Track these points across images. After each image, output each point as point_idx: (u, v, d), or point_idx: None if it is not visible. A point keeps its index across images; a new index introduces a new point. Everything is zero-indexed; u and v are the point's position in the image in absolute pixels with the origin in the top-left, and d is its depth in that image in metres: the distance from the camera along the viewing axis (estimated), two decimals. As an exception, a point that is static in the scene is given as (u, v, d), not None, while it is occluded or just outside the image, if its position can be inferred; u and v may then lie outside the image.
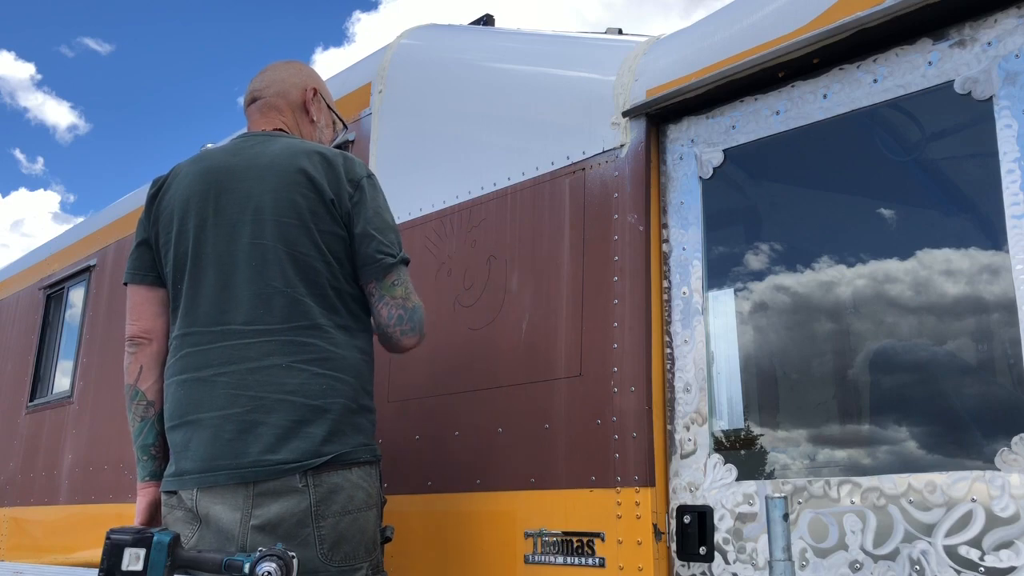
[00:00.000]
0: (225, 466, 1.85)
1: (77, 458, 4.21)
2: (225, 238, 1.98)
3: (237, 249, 1.96)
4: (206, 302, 1.97)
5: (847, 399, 1.99)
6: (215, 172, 2.04)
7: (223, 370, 1.91)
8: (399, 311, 2.04)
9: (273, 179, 1.99)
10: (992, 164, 1.76)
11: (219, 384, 1.90)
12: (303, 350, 1.91)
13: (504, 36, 3.06)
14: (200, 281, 1.98)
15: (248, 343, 1.91)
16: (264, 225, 1.96)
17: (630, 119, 2.31)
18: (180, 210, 2.04)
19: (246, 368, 1.89)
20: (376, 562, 1.98)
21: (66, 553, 4.06)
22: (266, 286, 1.93)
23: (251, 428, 1.85)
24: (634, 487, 2.07)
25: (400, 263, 2.05)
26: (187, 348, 1.97)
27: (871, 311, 1.93)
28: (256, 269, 1.94)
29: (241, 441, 1.85)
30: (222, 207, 2.00)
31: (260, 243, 1.95)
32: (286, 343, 1.90)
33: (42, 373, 4.96)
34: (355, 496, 1.89)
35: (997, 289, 1.75)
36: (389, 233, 2.06)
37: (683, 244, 2.21)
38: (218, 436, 1.87)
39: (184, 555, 1.71)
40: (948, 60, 1.85)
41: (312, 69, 2.35)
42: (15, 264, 5.93)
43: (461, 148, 2.75)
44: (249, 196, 1.99)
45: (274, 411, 1.86)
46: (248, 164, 2.03)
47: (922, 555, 1.70)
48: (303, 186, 1.98)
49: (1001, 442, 1.65)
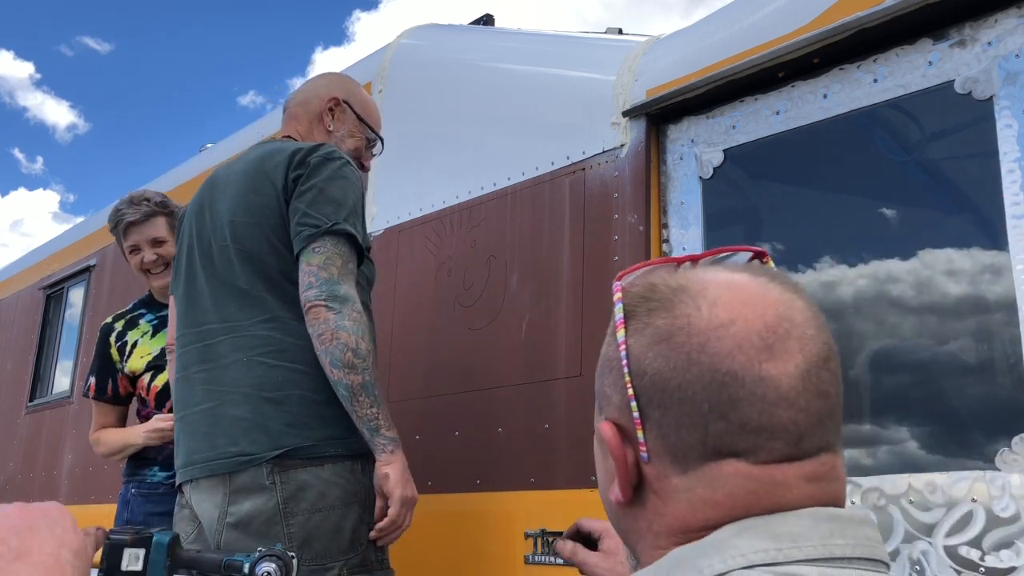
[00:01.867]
0: (200, 460, 1.92)
1: (77, 458, 4.21)
2: (204, 244, 2.05)
3: (210, 253, 2.02)
4: (190, 304, 2.06)
5: (847, 399, 1.98)
6: (209, 184, 2.15)
7: (199, 368, 1.98)
8: (309, 278, 1.84)
9: (238, 182, 2.02)
10: (992, 164, 1.76)
11: (197, 381, 1.98)
12: (262, 343, 1.91)
13: (504, 36, 3.06)
14: (188, 285, 2.08)
15: (219, 340, 1.96)
16: (224, 228, 1.99)
17: (630, 119, 2.31)
18: (185, 222, 2.18)
19: (219, 365, 1.95)
20: (360, 561, 1.88)
21: (66, 553, 4.06)
22: (230, 285, 1.97)
23: (218, 422, 1.91)
24: (634, 487, 2.06)
25: (327, 233, 1.86)
26: (180, 350, 2.07)
27: (871, 311, 1.93)
28: (221, 270, 1.99)
29: (212, 435, 1.91)
30: (205, 215, 2.07)
31: (223, 245, 1.99)
32: (249, 338, 1.93)
33: (42, 373, 4.96)
34: (327, 493, 1.84)
35: (997, 289, 1.75)
36: (325, 205, 1.89)
37: (683, 244, 2.21)
38: (196, 431, 1.95)
39: (184, 555, 1.71)
40: (948, 60, 1.85)
41: (346, 80, 2.32)
42: (15, 264, 5.93)
43: (461, 148, 2.75)
44: (223, 202, 2.04)
45: (237, 405, 1.89)
46: (229, 173, 2.09)
47: (922, 555, 1.70)
48: (261, 183, 1.96)
49: (1001, 442, 1.65)
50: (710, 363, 0.65)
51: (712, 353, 0.65)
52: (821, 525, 0.64)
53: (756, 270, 0.71)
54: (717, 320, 0.66)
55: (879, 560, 0.66)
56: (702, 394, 0.65)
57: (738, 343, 0.65)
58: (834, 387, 0.68)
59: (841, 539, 0.64)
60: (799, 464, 0.66)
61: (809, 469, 0.66)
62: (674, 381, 0.67)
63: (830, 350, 0.69)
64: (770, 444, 0.65)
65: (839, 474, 0.68)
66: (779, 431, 0.65)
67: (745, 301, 0.67)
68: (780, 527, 0.64)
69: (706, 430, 0.65)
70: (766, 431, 0.65)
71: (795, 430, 0.65)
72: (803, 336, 0.67)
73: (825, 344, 0.68)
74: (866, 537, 0.66)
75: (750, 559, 0.63)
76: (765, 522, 0.64)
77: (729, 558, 0.63)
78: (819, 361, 0.67)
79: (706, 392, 0.65)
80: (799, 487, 0.65)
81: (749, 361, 0.65)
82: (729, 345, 0.65)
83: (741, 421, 0.65)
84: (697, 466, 0.66)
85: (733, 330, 0.66)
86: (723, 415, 0.65)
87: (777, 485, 0.65)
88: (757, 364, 0.65)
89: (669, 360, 0.67)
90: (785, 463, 0.65)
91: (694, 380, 0.66)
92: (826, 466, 0.67)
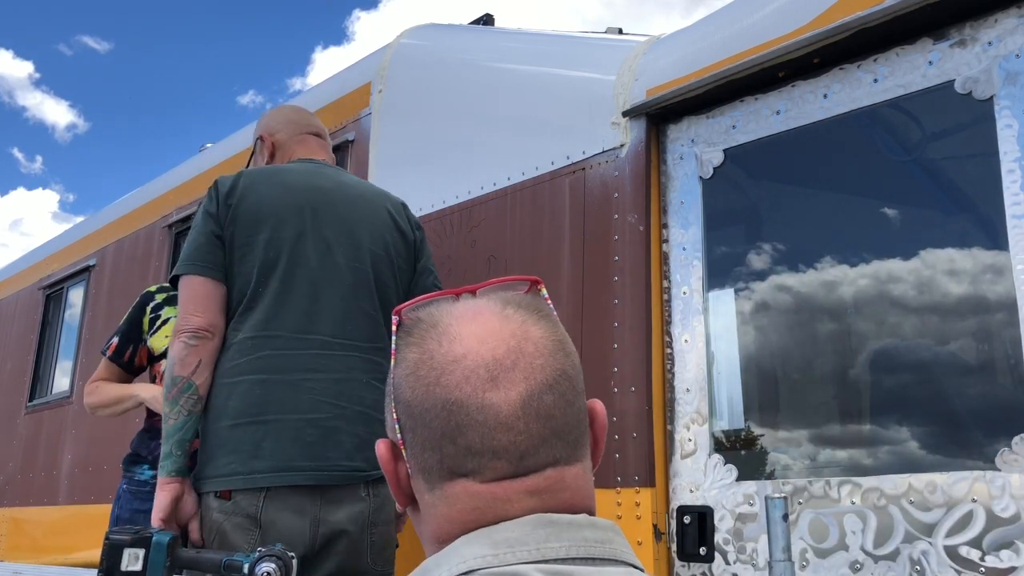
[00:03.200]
0: (304, 467, 1.90)
1: (77, 458, 4.21)
2: (321, 254, 2.08)
3: (334, 267, 2.08)
4: (296, 310, 2.02)
5: (847, 399, 1.99)
6: (306, 190, 2.13)
7: (308, 376, 1.97)
8: None
9: (365, 211, 2.18)
10: (993, 164, 1.76)
11: (303, 388, 1.95)
12: (378, 369, 2.04)
13: (504, 36, 3.06)
14: (291, 289, 2.03)
15: (333, 354, 2.01)
16: (361, 252, 2.12)
17: (630, 119, 2.31)
18: (271, 218, 2.08)
19: (331, 378, 1.98)
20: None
21: (65, 553, 4.06)
22: (357, 306, 2.06)
23: (332, 434, 1.94)
24: (634, 487, 2.06)
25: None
26: (268, 350, 1.99)
27: (871, 311, 1.93)
28: (351, 289, 2.07)
29: (321, 446, 1.92)
30: (319, 225, 2.10)
31: (357, 267, 2.10)
32: (367, 360, 2.04)
33: (41, 373, 4.96)
34: (393, 507, 2.04)
35: (998, 289, 1.74)
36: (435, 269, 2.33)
37: (683, 244, 2.21)
38: (299, 438, 1.91)
39: (183, 555, 1.71)
40: (949, 60, 1.85)
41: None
42: (14, 264, 5.93)
43: (461, 148, 2.75)
44: (344, 221, 2.13)
45: (353, 421, 1.97)
46: (336, 189, 2.17)
47: (922, 555, 1.70)
48: (390, 225, 2.21)
49: (1002, 442, 1.65)
50: (443, 394, 0.74)
51: (444, 384, 0.74)
52: (538, 530, 0.71)
53: (506, 303, 0.79)
54: (452, 355, 0.75)
55: (607, 559, 0.72)
56: (436, 421, 0.74)
57: (466, 375, 0.73)
58: (561, 408, 0.75)
59: (556, 542, 0.71)
60: (521, 480, 0.73)
61: (531, 484, 0.73)
62: (418, 408, 0.75)
63: (561, 375, 0.76)
64: (493, 464, 0.73)
65: (569, 484, 0.75)
66: (501, 452, 0.72)
67: (481, 337, 0.75)
68: (500, 534, 0.71)
69: (441, 452, 0.74)
70: (488, 453, 0.72)
71: (516, 451, 0.73)
72: (530, 366, 0.74)
73: (556, 370, 0.75)
74: (584, 539, 0.72)
75: (470, 564, 0.70)
76: (489, 531, 0.72)
77: (453, 565, 0.71)
78: (543, 388, 0.74)
79: (439, 419, 0.74)
80: (520, 501, 0.73)
81: (474, 391, 0.73)
82: (458, 377, 0.73)
83: (466, 445, 0.73)
84: (439, 485, 0.75)
85: (464, 363, 0.74)
86: (452, 439, 0.73)
87: (497, 500, 0.73)
88: (481, 393, 0.73)
89: (415, 390, 0.76)
90: (507, 480, 0.73)
91: (431, 408, 0.74)
92: (550, 480, 0.74)
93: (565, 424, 0.75)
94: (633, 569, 0.74)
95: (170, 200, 4.20)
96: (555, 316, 0.81)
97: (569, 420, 0.75)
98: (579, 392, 0.77)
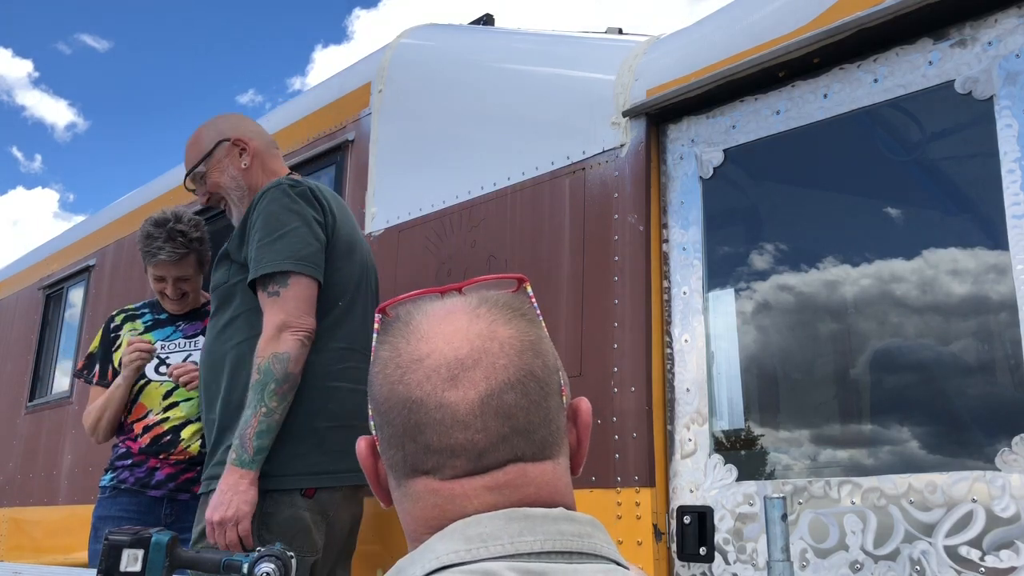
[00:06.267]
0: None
1: (77, 458, 4.21)
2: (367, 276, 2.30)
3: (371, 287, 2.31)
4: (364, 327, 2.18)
5: (847, 399, 1.98)
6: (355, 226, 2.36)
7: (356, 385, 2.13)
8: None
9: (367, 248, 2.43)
10: (992, 164, 1.76)
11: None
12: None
13: (504, 36, 3.06)
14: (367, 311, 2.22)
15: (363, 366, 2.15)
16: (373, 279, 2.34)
17: (630, 119, 2.31)
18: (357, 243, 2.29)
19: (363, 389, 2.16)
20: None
21: (66, 553, 4.06)
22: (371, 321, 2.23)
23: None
24: (634, 487, 2.06)
25: None
26: (354, 363, 2.14)
27: (871, 311, 1.93)
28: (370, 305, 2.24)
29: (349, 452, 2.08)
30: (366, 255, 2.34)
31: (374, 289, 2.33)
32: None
33: (41, 373, 4.96)
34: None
35: (998, 289, 1.74)
36: None
37: (683, 244, 2.20)
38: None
39: (183, 555, 1.71)
40: (948, 60, 1.85)
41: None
42: (14, 264, 5.93)
43: (461, 148, 2.75)
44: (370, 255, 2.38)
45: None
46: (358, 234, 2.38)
47: (922, 555, 1.70)
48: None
49: (1002, 442, 1.65)
50: (404, 392, 0.74)
51: (406, 383, 0.75)
52: (512, 524, 0.71)
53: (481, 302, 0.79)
54: (417, 353, 0.75)
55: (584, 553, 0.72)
56: (399, 419, 0.75)
57: (427, 374, 0.74)
58: (524, 408, 0.74)
59: (531, 535, 0.71)
60: (480, 477, 0.73)
61: (489, 480, 0.73)
62: (384, 406, 0.77)
63: (527, 374, 0.75)
64: (452, 462, 0.73)
65: (533, 480, 0.75)
66: (458, 450, 0.73)
67: (447, 336, 0.75)
68: (474, 529, 0.71)
69: (404, 450, 0.75)
70: (446, 451, 0.73)
71: (473, 449, 0.73)
72: (492, 366, 0.74)
73: (521, 369, 0.75)
74: (560, 532, 0.72)
75: (442, 560, 0.70)
76: (464, 525, 0.72)
77: (426, 562, 0.71)
78: (504, 387, 0.73)
79: (400, 417, 0.75)
80: (479, 497, 0.73)
81: (434, 390, 0.73)
82: (420, 376, 0.74)
83: (425, 443, 0.73)
84: (404, 482, 0.76)
85: (427, 363, 0.74)
86: (413, 438, 0.74)
87: (456, 497, 0.73)
88: (440, 392, 0.73)
89: (383, 388, 0.77)
90: (466, 477, 0.73)
91: (394, 406, 0.75)
92: (509, 475, 0.74)
93: (529, 423, 0.74)
94: (613, 564, 0.73)
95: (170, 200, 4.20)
96: (535, 315, 0.81)
97: (534, 419, 0.74)
98: (550, 392, 0.77)
